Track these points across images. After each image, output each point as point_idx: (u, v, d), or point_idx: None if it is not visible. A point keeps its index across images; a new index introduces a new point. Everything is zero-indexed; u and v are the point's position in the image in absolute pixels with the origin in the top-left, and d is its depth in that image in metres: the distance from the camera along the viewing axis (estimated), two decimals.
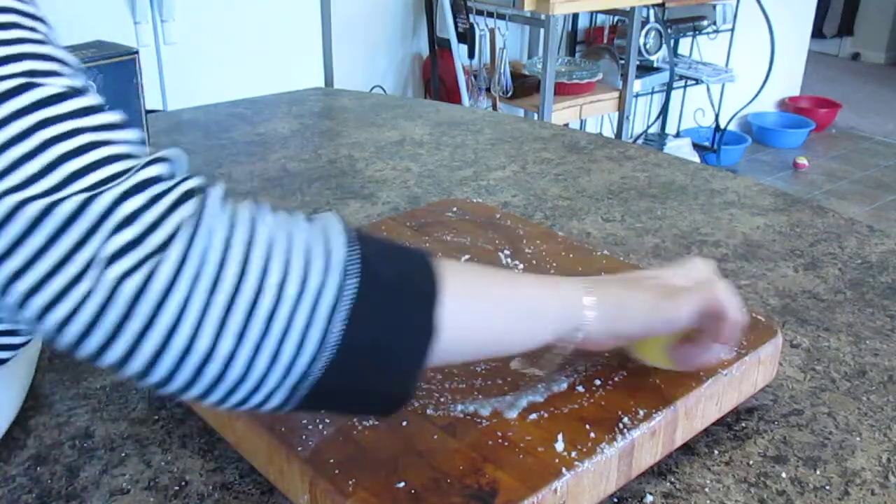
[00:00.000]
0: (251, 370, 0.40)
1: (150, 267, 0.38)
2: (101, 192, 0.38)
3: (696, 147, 3.77)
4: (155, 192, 0.40)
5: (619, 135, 3.21)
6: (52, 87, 0.40)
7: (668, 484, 0.59)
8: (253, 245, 0.40)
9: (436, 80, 3.09)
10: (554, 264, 0.78)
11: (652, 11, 3.24)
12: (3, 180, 0.38)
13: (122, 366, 0.39)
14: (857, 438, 0.64)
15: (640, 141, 3.76)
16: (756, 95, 3.69)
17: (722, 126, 3.80)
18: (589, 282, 0.55)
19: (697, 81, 3.65)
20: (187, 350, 0.39)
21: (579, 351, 0.56)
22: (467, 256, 0.79)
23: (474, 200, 0.99)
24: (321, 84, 2.60)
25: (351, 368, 0.42)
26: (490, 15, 2.87)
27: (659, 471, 0.60)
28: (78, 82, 0.42)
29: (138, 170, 0.40)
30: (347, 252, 0.42)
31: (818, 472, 0.61)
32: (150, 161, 0.41)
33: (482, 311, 0.49)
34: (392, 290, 0.43)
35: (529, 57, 3.39)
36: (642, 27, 3.15)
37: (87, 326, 0.38)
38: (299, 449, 0.53)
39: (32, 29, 0.41)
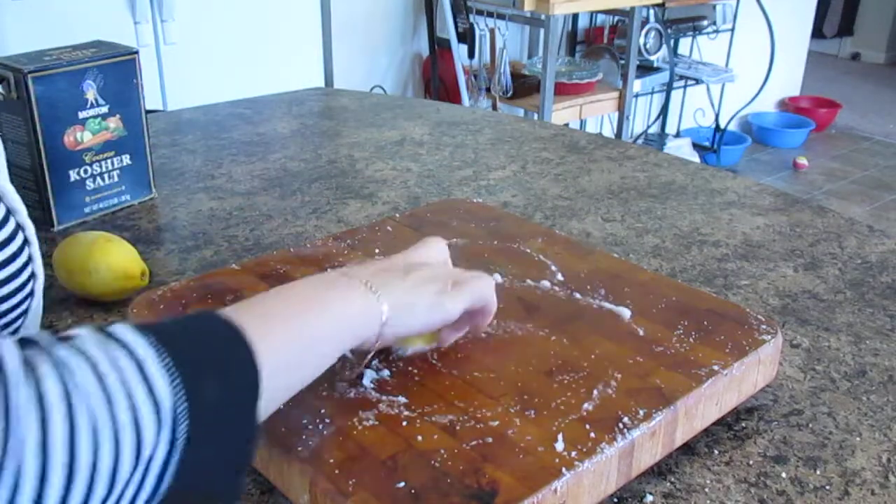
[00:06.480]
0: None
1: None
2: None
3: (696, 147, 3.77)
4: None
5: (619, 135, 3.21)
6: None
7: (668, 484, 0.59)
8: (76, 433, 0.35)
9: (436, 80, 3.09)
10: (554, 264, 0.78)
11: (652, 11, 3.25)
12: None
13: None
14: (857, 438, 0.64)
15: (640, 141, 3.76)
16: (756, 95, 3.69)
17: (722, 126, 3.80)
18: (375, 286, 0.55)
19: (697, 81, 3.65)
20: None
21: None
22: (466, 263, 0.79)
23: (474, 200, 0.99)
24: (321, 84, 2.60)
25: (185, 495, 0.41)
26: (490, 15, 2.87)
27: (659, 471, 0.60)
28: None
29: None
30: (173, 395, 0.39)
31: (818, 472, 0.61)
32: None
33: (293, 370, 0.50)
34: (218, 413, 0.42)
35: (529, 57, 3.39)
36: (642, 27, 3.16)
37: None
38: (299, 449, 0.53)
39: None
